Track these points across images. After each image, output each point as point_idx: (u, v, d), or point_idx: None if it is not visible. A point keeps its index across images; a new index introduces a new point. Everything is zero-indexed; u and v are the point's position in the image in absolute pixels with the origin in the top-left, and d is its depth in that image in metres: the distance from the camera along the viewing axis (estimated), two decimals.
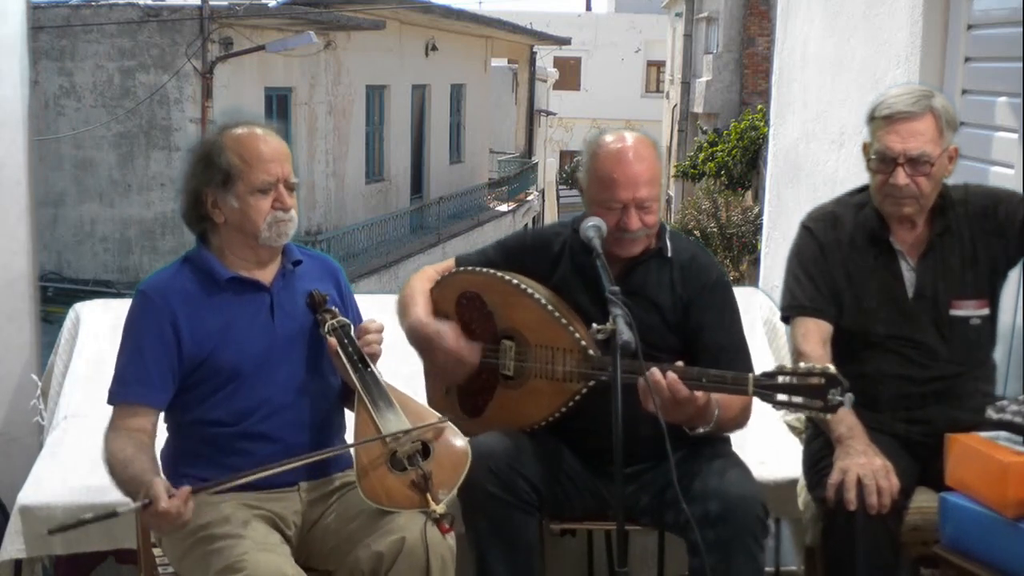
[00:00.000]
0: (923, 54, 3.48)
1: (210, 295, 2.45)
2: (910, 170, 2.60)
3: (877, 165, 2.64)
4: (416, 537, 2.27)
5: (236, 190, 2.41)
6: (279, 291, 2.51)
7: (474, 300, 2.74)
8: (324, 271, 2.65)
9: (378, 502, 2.31)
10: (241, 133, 2.45)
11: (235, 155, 2.41)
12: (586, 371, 2.56)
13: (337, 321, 2.50)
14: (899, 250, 2.72)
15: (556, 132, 34.59)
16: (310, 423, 2.50)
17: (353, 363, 2.46)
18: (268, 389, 2.45)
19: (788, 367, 2.34)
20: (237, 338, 2.43)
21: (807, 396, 2.28)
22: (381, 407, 2.42)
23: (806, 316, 2.71)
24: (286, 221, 2.45)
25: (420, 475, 2.32)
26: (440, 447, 2.40)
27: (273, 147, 2.44)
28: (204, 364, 2.41)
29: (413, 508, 2.31)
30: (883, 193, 2.66)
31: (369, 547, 2.29)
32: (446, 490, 2.34)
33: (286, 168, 2.45)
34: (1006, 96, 3.18)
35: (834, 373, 2.27)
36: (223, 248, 2.49)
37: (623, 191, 2.57)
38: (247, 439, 2.43)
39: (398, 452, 2.36)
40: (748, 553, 2.44)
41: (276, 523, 2.41)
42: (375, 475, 2.34)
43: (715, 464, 2.57)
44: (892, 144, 2.60)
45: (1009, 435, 2.34)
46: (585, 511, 2.70)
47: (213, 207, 2.45)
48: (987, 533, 2.26)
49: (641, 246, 2.65)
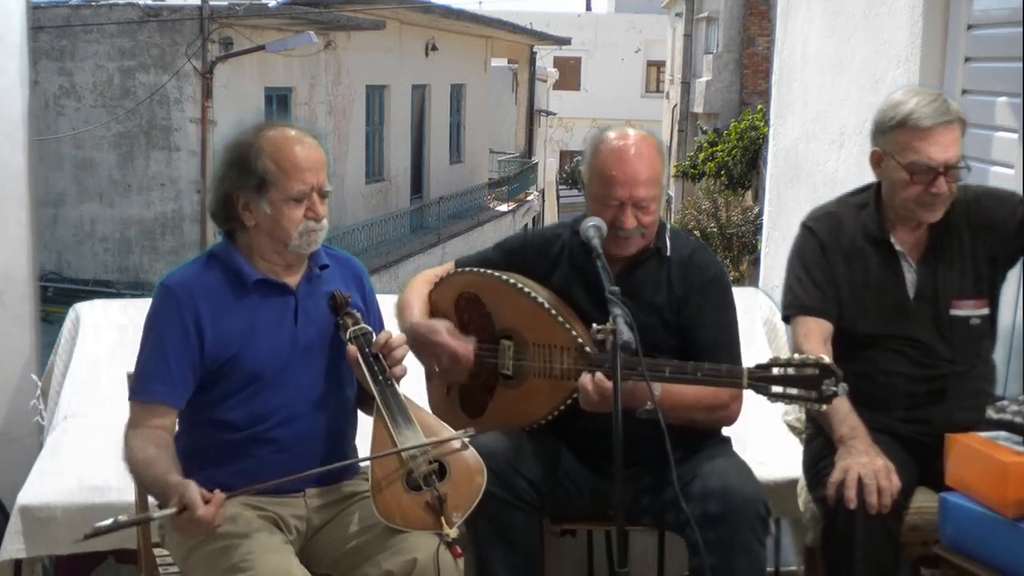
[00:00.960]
0: (923, 54, 3.48)
1: (236, 295, 2.41)
2: (949, 177, 2.60)
3: (915, 176, 2.61)
4: (426, 558, 2.24)
5: (270, 196, 2.36)
6: (304, 296, 2.47)
7: (473, 301, 2.74)
8: (349, 274, 2.61)
9: (392, 521, 2.29)
10: (279, 137, 2.39)
11: (272, 161, 2.36)
12: (583, 368, 2.56)
13: (359, 328, 2.45)
14: (900, 251, 2.72)
15: (556, 132, 34.60)
16: (324, 433, 2.46)
17: (373, 374, 2.42)
18: (286, 395, 2.41)
19: (782, 358, 2.34)
20: (261, 341, 2.40)
21: (801, 387, 2.28)
22: (400, 423, 2.38)
23: (807, 315, 2.71)
24: (317, 231, 2.41)
25: (435, 496, 2.28)
26: (456, 469, 2.36)
27: (310, 154, 2.39)
28: (226, 365, 2.38)
29: (427, 530, 2.27)
30: (919, 202, 2.63)
31: (379, 565, 2.27)
32: (460, 513, 2.30)
33: (321, 177, 2.40)
34: (1006, 96, 3.18)
35: (828, 364, 2.27)
36: (251, 249, 2.45)
37: (620, 189, 2.57)
38: (259, 444, 2.40)
39: (414, 472, 2.32)
40: (749, 552, 2.44)
41: (278, 525, 2.40)
42: (390, 493, 2.31)
43: (716, 464, 2.57)
44: (935, 154, 2.58)
45: (1009, 435, 2.34)
46: (585, 511, 2.71)
47: (244, 209, 2.40)
48: (987, 533, 2.26)
49: (636, 246, 2.65)
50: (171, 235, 14.21)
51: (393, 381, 2.43)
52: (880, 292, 2.71)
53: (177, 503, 2.12)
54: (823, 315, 2.70)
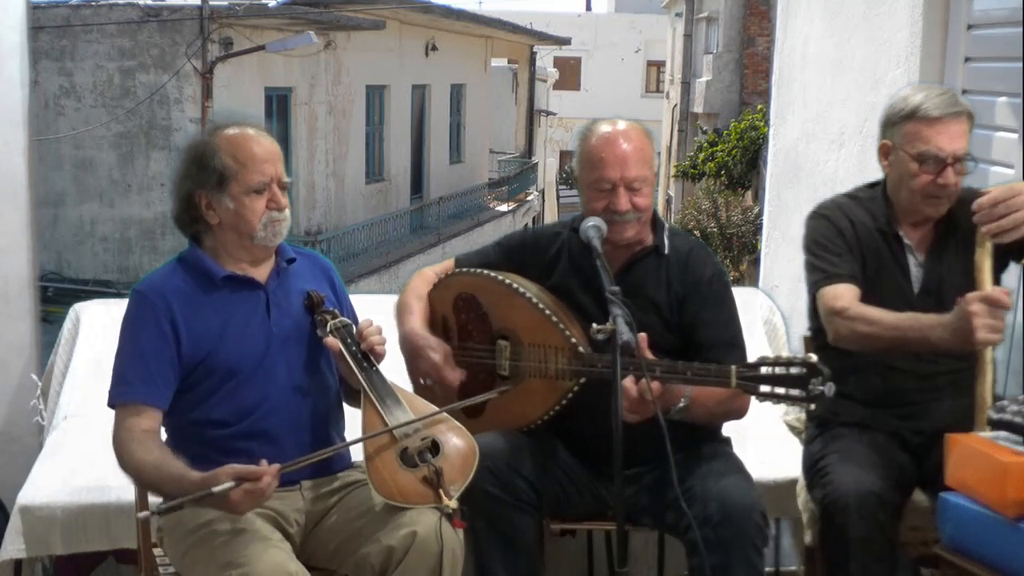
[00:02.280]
0: (923, 54, 3.47)
1: (207, 294, 2.45)
2: (957, 169, 2.61)
3: (923, 167, 2.62)
4: (426, 530, 2.27)
5: (231, 191, 2.42)
6: (274, 289, 2.52)
7: (470, 301, 2.75)
8: (317, 269, 2.66)
9: (391, 498, 2.31)
10: (233, 134, 2.46)
11: (228, 156, 2.42)
12: (577, 368, 2.56)
13: (339, 321, 2.51)
14: (908, 244, 2.72)
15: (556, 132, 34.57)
16: (310, 421, 2.50)
17: (358, 362, 2.47)
18: (267, 387, 2.45)
19: (770, 358, 2.34)
20: (235, 336, 2.44)
21: (789, 386, 2.29)
22: (389, 404, 2.43)
23: (834, 283, 2.65)
24: (281, 221, 2.46)
25: (432, 470, 2.33)
26: (449, 443, 2.41)
27: (265, 147, 2.45)
28: (203, 363, 2.41)
29: (426, 504, 2.31)
30: (926, 193, 2.64)
31: (379, 542, 2.29)
32: (457, 485, 2.34)
33: (279, 168, 2.47)
34: (1006, 96, 3.18)
35: (815, 362, 2.28)
36: (217, 249, 2.50)
37: (611, 170, 2.57)
38: (247, 438, 2.42)
39: (409, 448, 2.36)
40: (747, 560, 2.44)
41: (278, 521, 2.41)
42: (387, 471, 2.34)
43: (715, 465, 2.57)
44: (943, 145, 2.60)
45: (1009, 435, 2.34)
46: (585, 511, 2.71)
47: (207, 208, 2.45)
48: (987, 533, 2.26)
49: (633, 231, 2.64)
50: (171, 235, 14.17)
51: (378, 367, 2.49)
52: (886, 284, 2.71)
53: (228, 477, 2.15)
54: (850, 280, 2.65)
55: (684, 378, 2.39)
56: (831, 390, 2.26)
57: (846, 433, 2.70)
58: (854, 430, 2.70)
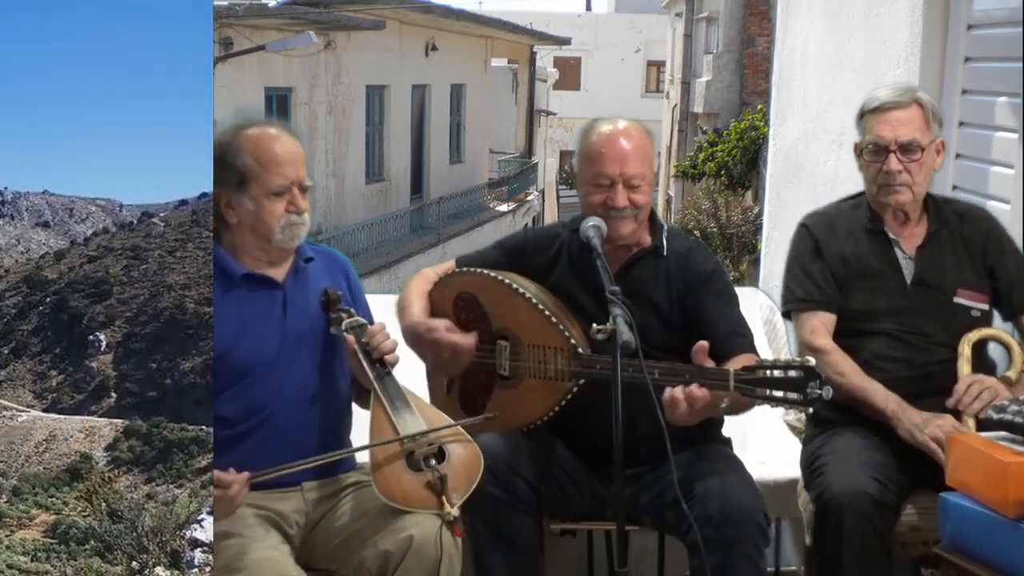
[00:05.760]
0: (923, 54, 3.48)
1: (224, 292, 2.46)
2: (903, 157, 2.67)
3: (870, 157, 2.72)
4: (424, 535, 2.27)
5: (251, 192, 2.42)
6: (291, 289, 2.52)
7: (470, 301, 2.75)
8: (334, 266, 2.66)
9: (393, 500, 2.32)
10: (257, 134, 2.45)
11: (251, 157, 2.42)
12: (576, 369, 2.56)
13: (354, 320, 2.51)
14: (894, 239, 2.76)
15: (556, 132, 34.56)
16: (320, 422, 2.50)
17: (371, 362, 2.48)
18: (280, 386, 2.45)
19: (768, 360, 2.35)
20: (250, 335, 2.44)
21: (787, 389, 2.29)
22: (399, 408, 2.43)
23: (809, 310, 2.75)
24: (299, 224, 2.46)
25: (437, 477, 2.33)
26: (455, 451, 2.42)
27: (288, 149, 2.45)
28: (218, 361, 2.42)
29: (428, 509, 2.31)
30: (878, 183, 2.72)
31: (376, 546, 2.29)
32: (459, 494, 2.35)
33: (300, 171, 2.46)
34: (1006, 96, 3.18)
35: (812, 366, 2.28)
36: (236, 247, 2.49)
37: (610, 165, 2.58)
38: (254, 437, 2.42)
39: (415, 452, 2.37)
40: (749, 560, 2.44)
41: (278, 523, 2.41)
42: (391, 473, 2.35)
43: (716, 465, 2.57)
44: (883, 132, 2.68)
45: (1009, 435, 2.34)
46: (585, 511, 2.70)
47: (227, 207, 2.46)
48: (987, 533, 2.26)
49: (630, 228, 2.64)
50: None
51: (390, 369, 2.49)
52: (876, 278, 2.76)
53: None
54: (824, 307, 2.74)
55: (684, 380, 2.39)
56: (828, 393, 2.27)
57: (843, 433, 2.70)
58: (851, 430, 2.70)
